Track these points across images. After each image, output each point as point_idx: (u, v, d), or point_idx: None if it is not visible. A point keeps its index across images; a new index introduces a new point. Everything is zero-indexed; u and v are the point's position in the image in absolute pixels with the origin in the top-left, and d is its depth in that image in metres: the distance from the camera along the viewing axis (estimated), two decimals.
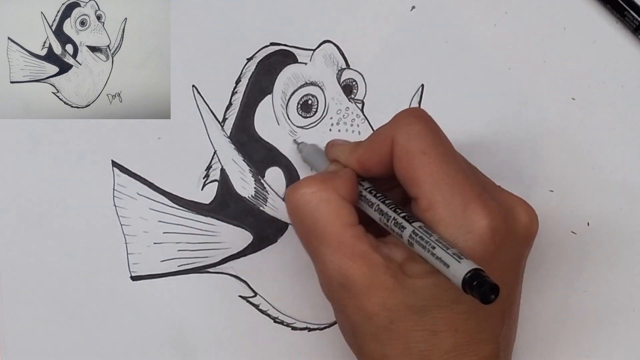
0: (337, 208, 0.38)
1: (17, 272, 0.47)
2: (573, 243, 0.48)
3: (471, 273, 0.33)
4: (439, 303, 0.37)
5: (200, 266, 0.47)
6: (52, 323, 0.47)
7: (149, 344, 0.47)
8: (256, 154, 0.47)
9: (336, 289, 0.38)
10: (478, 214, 0.37)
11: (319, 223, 0.38)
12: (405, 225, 0.37)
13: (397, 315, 0.37)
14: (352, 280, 0.37)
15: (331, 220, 0.38)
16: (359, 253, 0.38)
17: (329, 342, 0.48)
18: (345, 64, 0.47)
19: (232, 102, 0.47)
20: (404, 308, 0.37)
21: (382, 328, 0.37)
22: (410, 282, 0.37)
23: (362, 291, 0.37)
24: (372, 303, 0.37)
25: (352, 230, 0.38)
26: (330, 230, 0.38)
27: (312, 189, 0.39)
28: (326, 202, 0.38)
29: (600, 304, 0.48)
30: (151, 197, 0.47)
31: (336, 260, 0.38)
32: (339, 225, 0.38)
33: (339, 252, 0.38)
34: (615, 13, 0.47)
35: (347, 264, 0.37)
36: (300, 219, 0.39)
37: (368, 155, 0.40)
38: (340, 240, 0.38)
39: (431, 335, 0.37)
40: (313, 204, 0.38)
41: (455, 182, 0.37)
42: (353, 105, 0.47)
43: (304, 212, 0.39)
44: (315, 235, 0.38)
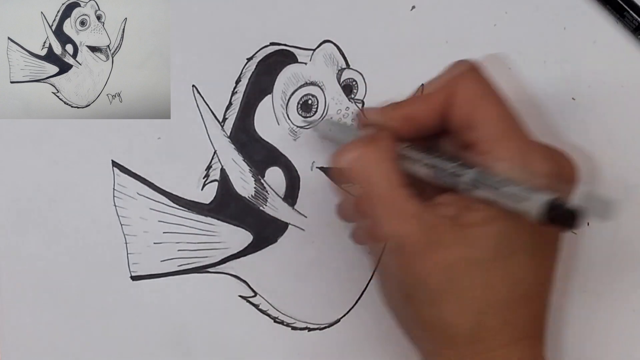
0: (387, 168, 0.38)
1: (17, 272, 0.47)
2: (573, 243, 0.48)
3: (550, 202, 0.33)
4: (498, 253, 0.37)
5: (200, 266, 0.47)
6: (52, 323, 0.47)
7: (149, 344, 0.47)
8: (256, 154, 0.47)
9: (390, 252, 0.38)
10: (538, 156, 0.37)
11: (372, 184, 0.38)
12: (463, 171, 0.37)
13: (454, 272, 0.37)
14: (408, 241, 0.37)
15: (383, 181, 0.38)
16: (412, 213, 0.37)
17: (329, 342, 0.48)
18: (345, 64, 0.47)
19: (232, 102, 0.47)
20: (462, 263, 0.37)
21: (439, 288, 0.37)
22: (469, 232, 0.37)
23: (418, 252, 0.37)
24: (429, 263, 0.37)
25: (402, 191, 0.38)
26: (383, 191, 0.38)
27: (360, 151, 0.39)
28: (376, 162, 0.38)
29: (600, 304, 0.48)
30: (151, 197, 0.47)
31: (391, 221, 0.37)
32: (390, 186, 0.38)
33: (393, 212, 0.37)
34: (615, 13, 0.47)
35: (401, 225, 0.37)
36: (351, 181, 0.39)
37: (421, 107, 0.40)
38: (394, 200, 0.38)
39: (488, 289, 0.37)
40: (365, 165, 0.38)
41: (517, 126, 0.38)
42: (353, 105, 0.47)
43: (355, 173, 0.39)
44: (368, 197, 0.38)
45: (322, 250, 0.48)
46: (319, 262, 0.48)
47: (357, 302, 0.48)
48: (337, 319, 0.48)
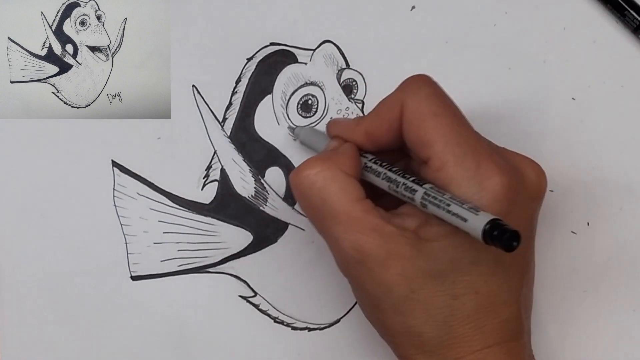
0: (343, 185, 0.38)
1: (17, 272, 0.47)
2: (573, 243, 0.48)
3: (490, 223, 0.34)
4: (458, 266, 0.37)
5: (200, 266, 0.47)
6: (52, 323, 0.47)
7: (149, 344, 0.47)
8: (256, 154, 0.47)
9: (352, 266, 0.38)
10: (490, 172, 0.37)
11: (327, 202, 0.38)
12: (416, 187, 0.37)
13: (417, 283, 0.37)
14: (367, 254, 0.37)
15: (339, 198, 0.38)
16: (371, 226, 0.37)
17: (329, 342, 0.48)
18: (345, 64, 0.47)
19: (232, 102, 0.47)
20: (423, 275, 0.37)
21: (403, 298, 0.37)
22: (428, 246, 0.37)
23: (379, 264, 0.37)
24: (390, 274, 0.37)
25: (361, 204, 0.38)
26: (339, 208, 0.38)
27: (315, 169, 0.39)
28: (331, 180, 0.38)
29: (600, 304, 0.48)
30: (151, 197, 0.47)
31: (349, 237, 0.38)
32: (347, 202, 0.38)
33: (351, 228, 0.38)
34: (615, 13, 0.47)
35: (360, 239, 0.37)
36: (307, 201, 0.39)
37: (377, 123, 0.40)
38: (351, 216, 0.38)
39: (452, 299, 0.37)
40: (319, 184, 0.38)
41: (467, 142, 0.38)
42: (353, 105, 0.47)
43: (310, 193, 0.39)
44: (325, 215, 0.38)
45: (322, 250, 0.47)
46: (319, 262, 0.48)
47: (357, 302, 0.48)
48: (337, 319, 0.48)
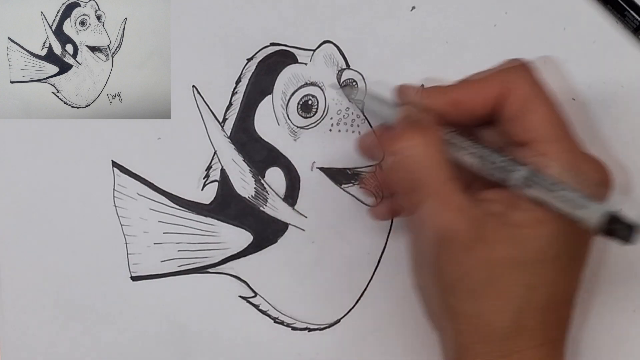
0: (440, 161, 0.38)
1: (17, 272, 0.47)
2: None
3: (611, 214, 0.33)
4: (542, 256, 0.37)
5: (200, 266, 0.47)
6: (52, 323, 0.47)
7: (149, 344, 0.47)
8: (256, 154, 0.47)
9: (437, 244, 0.37)
10: (591, 167, 0.37)
11: (424, 177, 0.38)
12: (514, 168, 0.37)
13: (498, 269, 0.37)
14: (455, 235, 0.37)
15: (435, 174, 0.37)
16: (463, 207, 0.37)
17: (329, 342, 0.48)
18: (345, 64, 0.47)
19: (232, 102, 0.47)
20: (506, 262, 0.37)
21: (482, 284, 0.37)
22: (518, 232, 0.37)
23: (465, 246, 0.37)
24: (474, 258, 0.37)
25: (453, 184, 0.38)
26: (434, 184, 0.37)
27: (414, 142, 0.38)
28: (430, 154, 0.38)
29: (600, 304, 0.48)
30: (151, 197, 0.47)
31: (440, 215, 0.37)
32: (442, 179, 0.37)
33: (444, 206, 0.37)
34: (615, 13, 0.47)
35: (451, 218, 0.37)
36: (403, 172, 0.38)
37: (470, 95, 0.40)
38: (445, 194, 0.37)
39: (527, 290, 0.37)
40: (418, 157, 0.38)
41: (569, 133, 0.38)
42: (353, 105, 0.47)
43: (407, 165, 0.38)
44: (419, 189, 0.38)
45: (322, 250, 0.48)
46: (319, 262, 0.48)
47: (357, 302, 0.48)
48: (337, 319, 0.48)
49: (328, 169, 0.47)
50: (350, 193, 0.47)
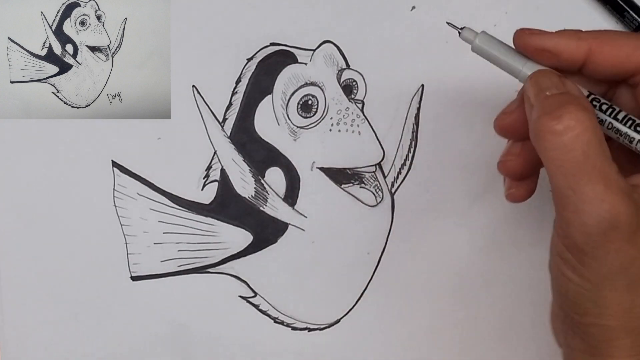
0: (601, 140, 0.34)
1: (17, 272, 0.47)
2: None
3: None
4: None
5: (200, 266, 0.47)
6: (52, 323, 0.47)
7: (149, 344, 0.47)
8: (256, 154, 0.47)
9: (601, 232, 0.34)
10: None
11: (590, 158, 0.34)
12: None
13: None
14: (623, 220, 0.34)
15: (601, 155, 0.34)
16: (627, 191, 0.34)
17: (329, 342, 0.48)
18: (345, 64, 0.47)
19: (232, 102, 0.47)
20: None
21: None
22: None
23: (630, 233, 0.34)
24: (637, 246, 0.34)
25: (614, 165, 0.35)
26: (601, 166, 0.34)
27: (580, 120, 0.35)
28: (595, 133, 0.34)
29: None
30: (151, 197, 0.47)
31: (608, 199, 0.34)
32: (607, 161, 0.34)
33: (609, 189, 0.34)
34: (615, 13, 0.47)
35: (618, 203, 0.34)
36: (568, 153, 0.35)
37: (611, 50, 0.37)
38: (611, 177, 0.34)
39: None
40: (585, 137, 0.34)
41: None
42: (353, 105, 0.47)
43: (575, 145, 0.34)
44: (585, 171, 0.34)
45: (322, 250, 0.48)
46: (319, 262, 0.48)
47: (357, 302, 0.48)
48: (337, 319, 0.48)
49: (328, 169, 0.47)
50: (350, 193, 0.47)
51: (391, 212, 0.48)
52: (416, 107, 0.47)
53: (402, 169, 0.48)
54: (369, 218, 0.47)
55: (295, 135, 0.47)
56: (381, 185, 0.47)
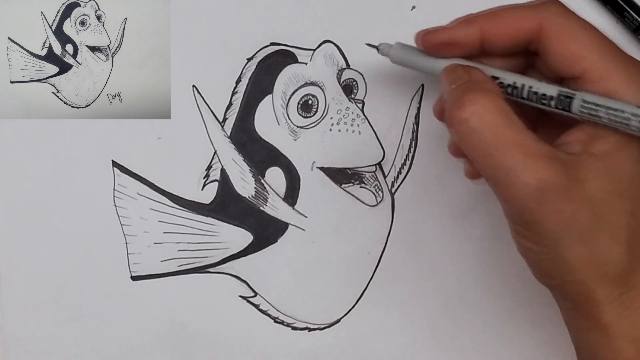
0: (509, 114, 0.36)
1: (17, 272, 0.47)
2: None
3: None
4: (634, 179, 0.36)
5: (200, 266, 0.47)
6: (52, 323, 0.47)
7: (149, 344, 0.47)
8: (256, 154, 0.47)
9: (533, 199, 0.36)
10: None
11: (501, 134, 0.36)
12: (577, 95, 0.36)
13: (599, 204, 0.36)
14: (550, 182, 0.35)
15: (510, 128, 0.36)
16: (547, 154, 0.36)
17: (329, 342, 0.48)
18: (345, 64, 0.47)
19: (232, 102, 0.47)
20: (604, 194, 0.36)
21: (587, 225, 0.36)
22: (605, 161, 0.36)
23: (561, 191, 0.35)
24: (574, 201, 0.36)
25: (529, 133, 0.36)
26: (513, 138, 0.36)
27: (478, 104, 0.36)
28: (498, 111, 0.36)
29: None
30: (151, 197, 0.47)
31: (529, 167, 0.35)
32: (519, 131, 0.36)
33: (529, 157, 0.35)
34: (615, 13, 0.47)
35: (540, 167, 0.35)
36: (479, 136, 0.36)
37: (497, 26, 0.38)
38: (526, 145, 0.36)
39: (631, 217, 0.36)
40: (488, 117, 0.36)
41: (621, 52, 0.37)
42: (353, 105, 0.47)
43: (481, 128, 0.36)
44: (499, 148, 0.36)
45: (322, 250, 0.48)
46: (319, 262, 0.48)
47: (357, 302, 0.48)
48: (337, 319, 0.48)
49: (328, 168, 0.47)
50: (350, 193, 0.47)
51: (391, 212, 0.48)
52: (416, 107, 0.47)
53: (402, 169, 0.48)
54: (369, 218, 0.48)
55: (296, 135, 0.47)
56: (381, 185, 0.47)
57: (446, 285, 0.48)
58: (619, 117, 0.35)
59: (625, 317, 0.37)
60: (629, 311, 0.37)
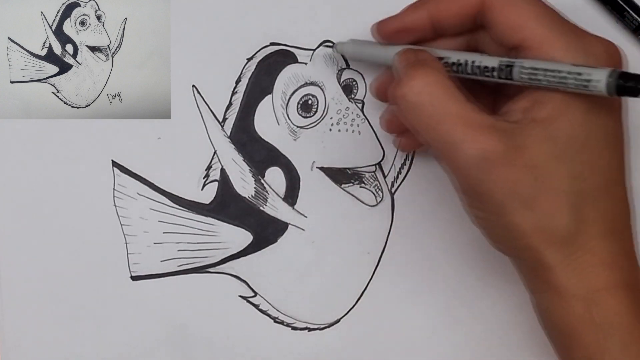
0: (449, 88, 0.38)
1: (17, 272, 0.47)
2: None
3: (612, 74, 0.34)
4: (575, 143, 0.37)
5: (200, 266, 0.47)
6: (52, 323, 0.47)
7: (149, 344, 0.47)
8: (256, 154, 0.47)
9: (476, 167, 0.37)
10: (591, 42, 0.38)
11: (440, 108, 0.37)
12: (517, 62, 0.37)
13: (541, 170, 0.37)
14: (491, 151, 0.37)
15: (450, 101, 0.37)
16: (487, 124, 0.37)
17: (329, 342, 0.48)
18: (345, 64, 0.47)
19: (232, 102, 0.47)
20: (545, 158, 0.37)
21: (530, 190, 0.37)
22: (544, 126, 0.37)
23: (502, 159, 0.37)
24: (515, 167, 0.37)
25: (470, 105, 0.38)
26: (454, 111, 0.37)
27: (419, 79, 0.38)
28: (438, 85, 0.38)
29: None
30: (151, 197, 0.47)
31: (470, 138, 0.37)
32: (459, 104, 0.37)
33: (470, 128, 0.37)
34: (615, 13, 0.47)
35: (480, 137, 0.37)
36: (419, 111, 0.38)
37: (445, 6, 0.40)
38: (466, 117, 0.37)
39: (574, 180, 0.37)
40: (427, 91, 0.38)
41: (559, 19, 0.38)
42: (353, 105, 0.47)
43: (420, 102, 0.38)
44: (440, 121, 0.37)
45: (322, 250, 0.48)
46: (319, 262, 0.48)
47: (357, 302, 0.48)
48: (337, 319, 0.48)
49: (328, 168, 0.47)
50: (350, 193, 0.47)
51: (391, 212, 0.48)
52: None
53: (402, 169, 0.48)
54: (369, 218, 0.48)
55: (295, 135, 0.47)
56: (381, 185, 0.47)
57: (446, 285, 0.48)
58: (556, 77, 0.36)
59: (574, 276, 0.38)
60: (578, 271, 0.38)
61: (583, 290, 0.38)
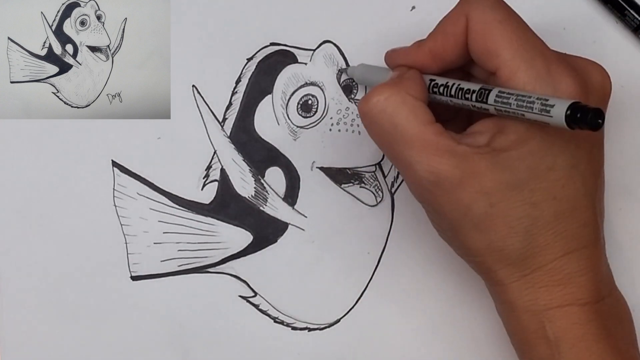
0: (413, 108, 0.38)
1: (17, 272, 0.47)
2: None
3: (572, 107, 0.34)
4: (535, 173, 0.37)
5: (200, 266, 0.47)
6: (52, 323, 0.47)
7: (149, 344, 0.47)
8: (256, 154, 0.47)
9: (428, 189, 0.38)
10: (562, 74, 0.37)
11: (399, 127, 0.38)
12: (488, 88, 0.37)
13: (495, 196, 0.37)
14: (443, 176, 0.37)
15: (410, 122, 0.38)
16: (444, 148, 0.37)
17: (329, 342, 0.48)
18: (345, 64, 0.47)
19: (232, 102, 0.47)
20: (501, 187, 0.37)
21: (483, 215, 0.37)
22: (504, 156, 0.37)
23: (455, 184, 0.37)
24: (468, 192, 0.37)
25: (432, 127, 0.38)
26: (411, 132, 0.38)
27: (384, 95, 0.38)
28: (401, 104, 0.38)
29: None
30: (151, 197, 0.47)
31: (423, 160, 0.37)
32: (419, 125, 0.38)
33: (425, 151, 0.37)
34: (615, 13, 0.47)
35: (434, 161, 0.37)
36: (378, 127, 0.39)
37: (441, 41, 0.40)
38: (423, 139, 0.38)
39: (531, 208, 0.37)
40: (389, 109, 0.38)
41: (535, 47, 0.38)
42: (353, 105, 0.47)
43: (381, 119, 0.38)
44: (397, 140, 0.38)
45: (322, 250, 0.48)
46: (319, 262, 0.48)
47: (357, 302, 0.48)
48: (337, 319, 0.48)
49: (328, 168, 0.47)
50: (350, 193, 0.47)
51: (391, 212, 0.48)
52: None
53: None
54: (369, 218, 0.47)
55: (295, 135, 0.47)
56: (381, 185, 0.47)
57: (446, 285, 0.48)
58: (525, 101, 0.36)
59: (528, 294, 0.39)
60: (531, 290, 0.39)
61: (536, 307, 0.39)
